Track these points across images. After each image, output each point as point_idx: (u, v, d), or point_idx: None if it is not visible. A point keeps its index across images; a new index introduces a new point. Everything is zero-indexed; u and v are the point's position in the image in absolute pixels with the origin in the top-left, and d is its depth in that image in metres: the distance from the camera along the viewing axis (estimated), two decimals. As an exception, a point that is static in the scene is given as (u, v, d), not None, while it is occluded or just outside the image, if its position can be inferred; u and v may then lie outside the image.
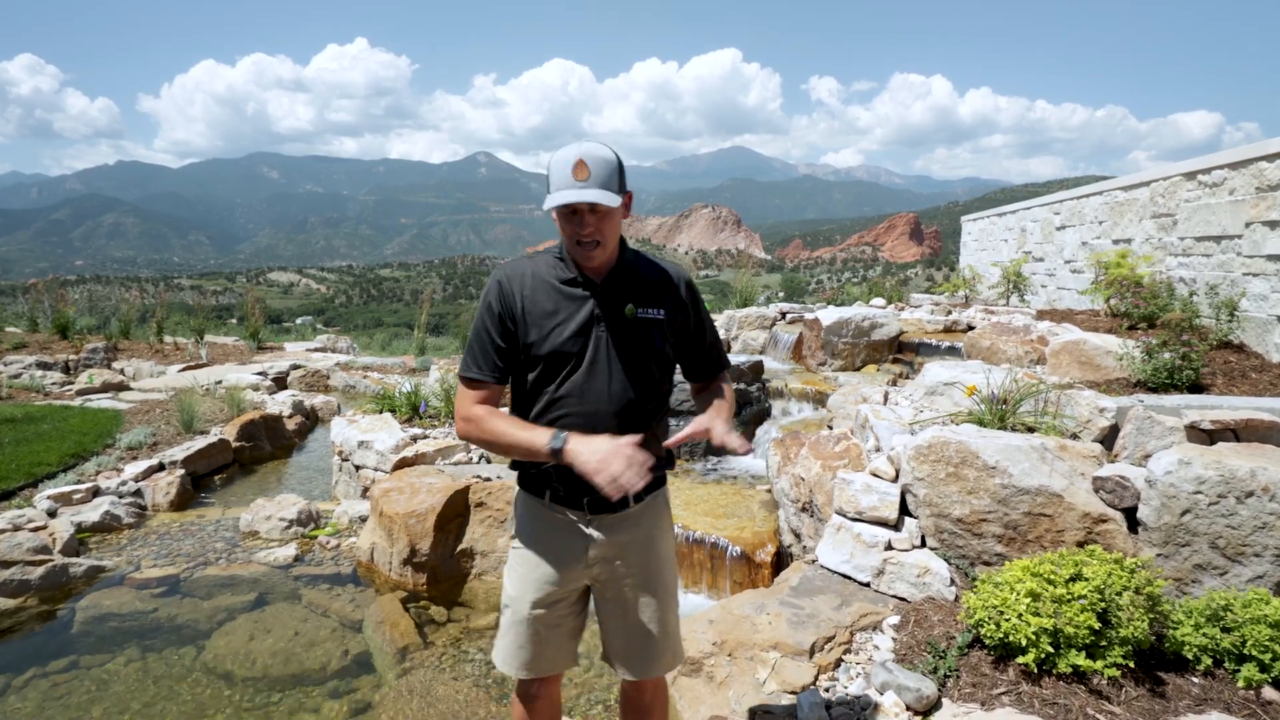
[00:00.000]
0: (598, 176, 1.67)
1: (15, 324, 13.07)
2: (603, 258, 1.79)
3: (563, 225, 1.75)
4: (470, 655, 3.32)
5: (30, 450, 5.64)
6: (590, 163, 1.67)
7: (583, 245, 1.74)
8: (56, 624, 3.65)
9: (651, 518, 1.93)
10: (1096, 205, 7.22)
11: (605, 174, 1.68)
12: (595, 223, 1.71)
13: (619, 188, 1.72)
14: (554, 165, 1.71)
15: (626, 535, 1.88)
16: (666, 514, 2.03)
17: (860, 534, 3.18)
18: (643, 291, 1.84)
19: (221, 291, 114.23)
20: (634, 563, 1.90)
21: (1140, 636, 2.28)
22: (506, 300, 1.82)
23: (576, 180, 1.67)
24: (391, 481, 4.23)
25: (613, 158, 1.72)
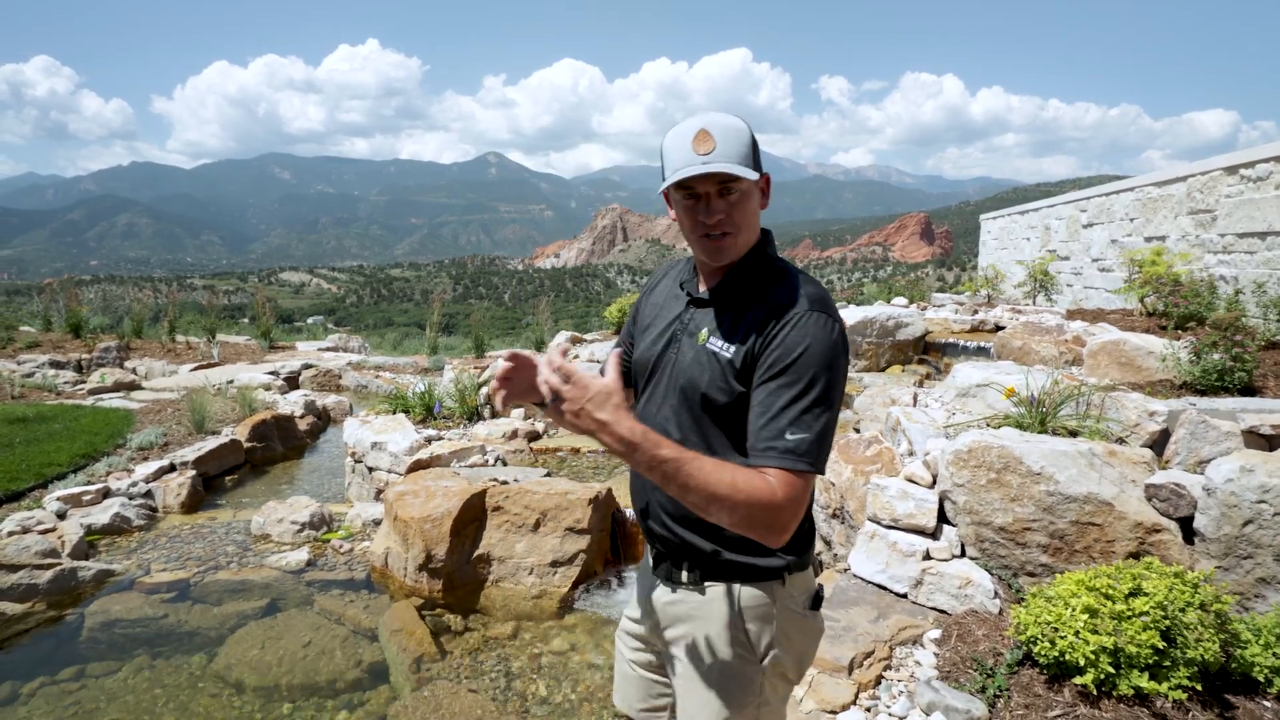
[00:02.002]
0: (727, 148, 1.30)
1: (30, 323, 13.09)
2: (735, 252, 1.38)
3: (684, 217, 1.38)
4: (488, 666, 3.20)
5: (41, 450, 5.57)
6: (716, 132, 1.31)
7: (711, 238, 1.36)
8: (64, 630, 3.56)
9: (713, 624, 1.41)
10: (1127, 202, 7.04)
11: (736, 145, 1.30)
12: (725, 208, 1.33)
13: (754, 164, 1.33)
14: (669, 145, 1.35)
15: (678, 625, 1.46)
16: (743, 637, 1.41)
17: (896, 542, 3.04)
18: (738, 313, 1.38)
19: (234, 291, 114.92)
20: (679, 671, 1.47)
21: (1210, 658, 2.13)
22: (647, 285, 1.66)
23: (699, 154, 1.30)
24: (406, 485, 4.12)
25: (744, 127, 1.34)
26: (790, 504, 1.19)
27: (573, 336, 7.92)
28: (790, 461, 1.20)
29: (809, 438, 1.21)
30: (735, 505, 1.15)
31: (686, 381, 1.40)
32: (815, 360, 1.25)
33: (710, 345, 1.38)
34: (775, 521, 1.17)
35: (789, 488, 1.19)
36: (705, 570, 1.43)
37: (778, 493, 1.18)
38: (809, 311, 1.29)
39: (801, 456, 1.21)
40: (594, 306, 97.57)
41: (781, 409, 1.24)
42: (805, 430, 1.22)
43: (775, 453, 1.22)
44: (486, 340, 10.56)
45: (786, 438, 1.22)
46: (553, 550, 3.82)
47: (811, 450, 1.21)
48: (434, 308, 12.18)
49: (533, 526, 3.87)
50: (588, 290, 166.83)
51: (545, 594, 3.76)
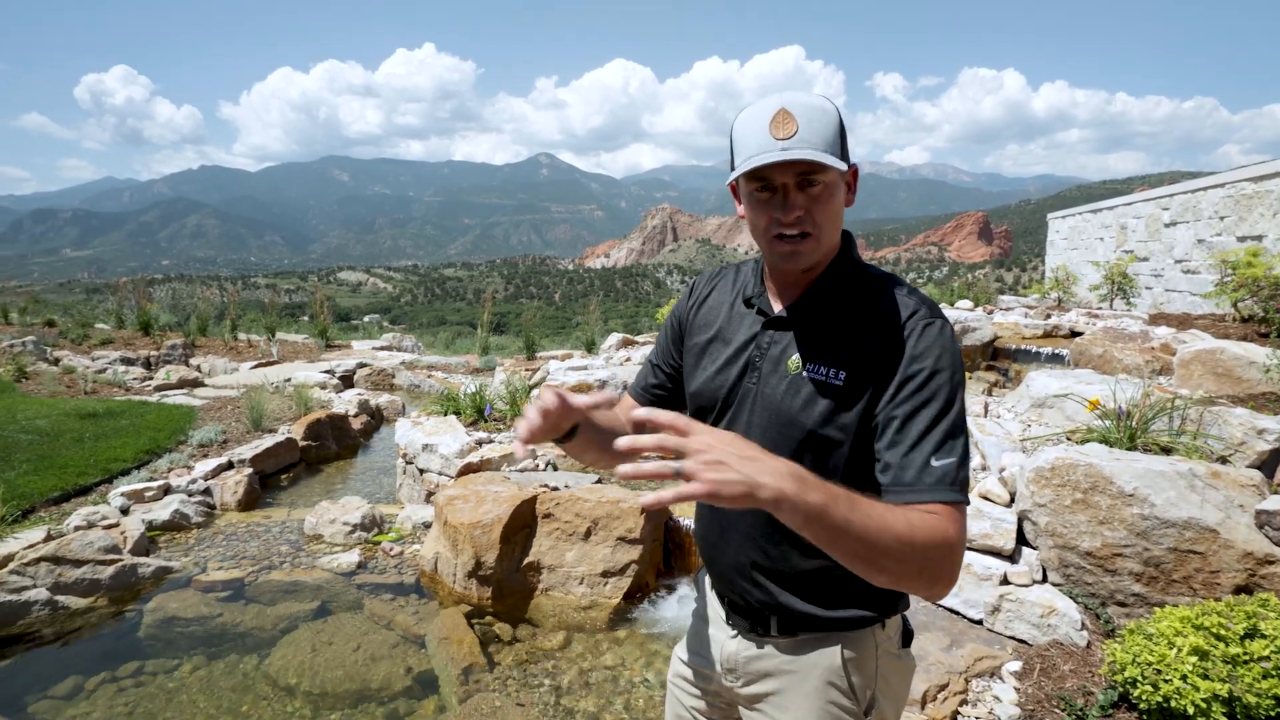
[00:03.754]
0: (811, 132, 1.08)
1: (104, 321, 13.66)
2: (814, 258, 1.16)
3: (755, 214, 1.16)
4: (537, 679, 3.11)
5: (108, 445, 5.73)
6: (798, 112, 1.09)
7: (786, 239, 1.14)
8: (124, 626, 3.61)
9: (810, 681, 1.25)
10: (1216, 199, 6.59)
11: (823, 129, 1.09)
12: (806, 203, 1.12)
13: (841, 152, 1.11)
14: (741, 127, 1.13)
15: (765, 681, 1.30)
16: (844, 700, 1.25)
17: (970, 564, 2.84)
18: (834, 331, 1.17)
19: (294, 290, 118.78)
20: None
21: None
22: (690, 298, 1.41)
23: (777, 138, 1.08)
24: (456, 489, 4.07)
25: (831, 108, 1.12)
26: (962, 543, 1.03)
27: (624, 339, 7.82)
28: (947, 493, 1.02)
29: (954, 462, 1.04)
30: (911, 552, 0.94)
31: (786, 419, 1.17)
32: (946, 372, 1.07)
33: (811, 373, 1.16)
34: (952, 566, 1.00)
35: (956, 524, 1.01)
36: (799, 624, 1.25)
37: (950, 531, 1.00)
38: (927, 319, 1.10)
39: (955, 486, 1.03)
40: (643, 307, 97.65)
41: (922, 434, 1.05)
42: (951, 454, 1.04)
43: (928, 485, 1.03)
44: (537, 340, 10.56)
45: (932, 465, 1.03)
46: (604, 560, 3.72)
47: (963, 477, 1.05)
48: (485, 307, 12.26)
49: (583, 535, 3.77)
50: (637, 290, 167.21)
51: (596, 605, 3.66)
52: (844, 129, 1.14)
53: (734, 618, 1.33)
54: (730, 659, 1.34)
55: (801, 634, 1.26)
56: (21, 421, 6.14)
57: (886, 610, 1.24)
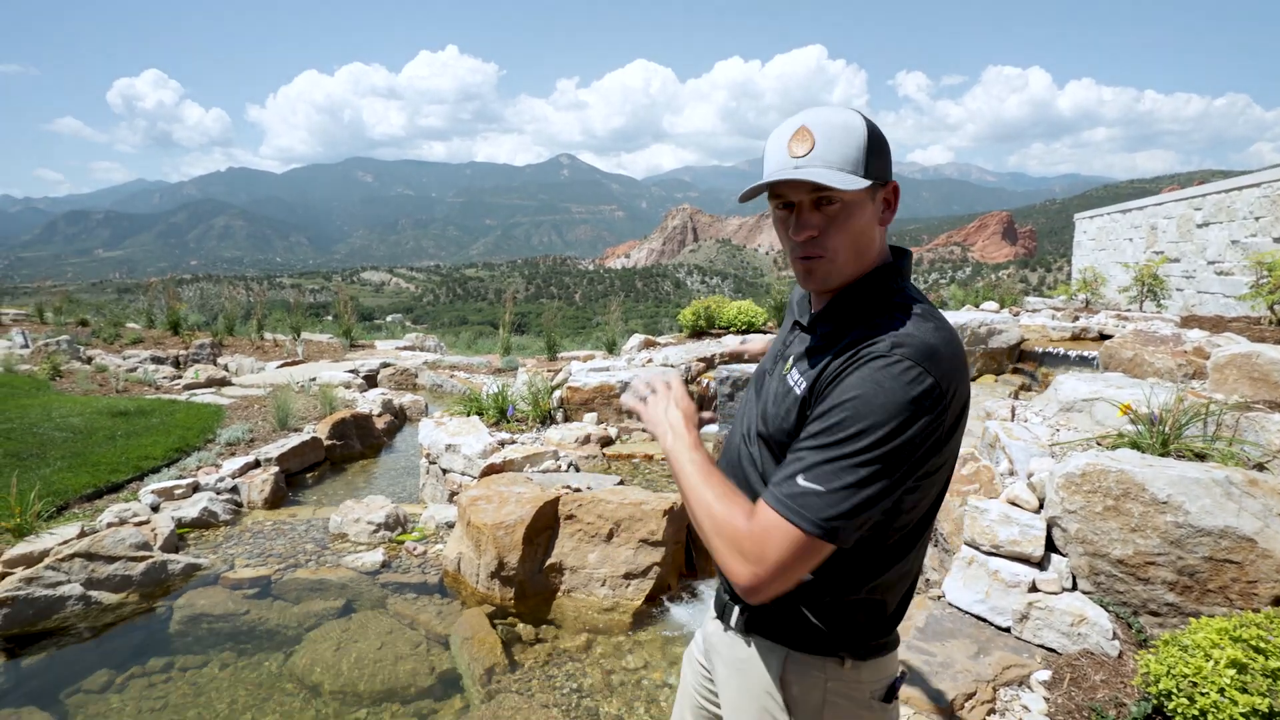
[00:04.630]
0: (827, 149, 1.08)
1: (135, 320, 13.91)
2: (831, 279, 1.17)
3: (777, 229, 1.21)
4: (559, 681, 3.12)
5: (139, 444, 5.83)
6: (817, 129, 1.09)
7: (800, 258, 1.17)
8: (155, 622, 3.67)
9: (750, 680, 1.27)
10: (1252, 199, 6.45)
11: (841, 147, 1.08)
12: (821, 223, 1.12)
13: (866, 169, 1.09)
14: (769, 144, 1.16)
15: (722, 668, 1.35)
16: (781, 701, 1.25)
17: (998, 570, 2.80)
18: (828, 345, 1.17)
19: (319, 290, 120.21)
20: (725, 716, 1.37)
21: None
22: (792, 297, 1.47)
23: (792, 156, 1.10)
24: (479, 490, 4.09)
25: (857, 124, 1.10)
26: (756, 547, 1.03)
27: (645, 340, 7.82)
28: (784, 506, 1.03)
29: (819, 489, 1.01)
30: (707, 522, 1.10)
31: (763, 411, 1.24)
32: (869, 410, 1.02)
33: (790, 376, 1.21)
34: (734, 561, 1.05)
35: (762, 530, 1.04)
36: (753, 618, 1.26)
37: (741, 525, 1.06)
38: (886, 355, 1.05)
39: (801, 507, 1.02)
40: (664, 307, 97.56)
41: (808, 450, 1.06)
42: (821, 482, 1.02)
43: (774, 491, 1.06)
44: (558, 341, 10.59)
45: (798, 481, 1.04)
46: (626, 562, 3.72)
47: (820, 506, 1.01)
48: (507, 307, 12.31)
49: (606, 537, 3.78)
50: (658, 290, 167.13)
51: (618, 606, 3.66)
52: (875, 145, 1.11)
53: (719, 598, 1.39)
54: (707, 638, 1.43)
55: (754, 634, 1.27)
56: (57, 419, 6.27)
57: (848, 645, 1.20)
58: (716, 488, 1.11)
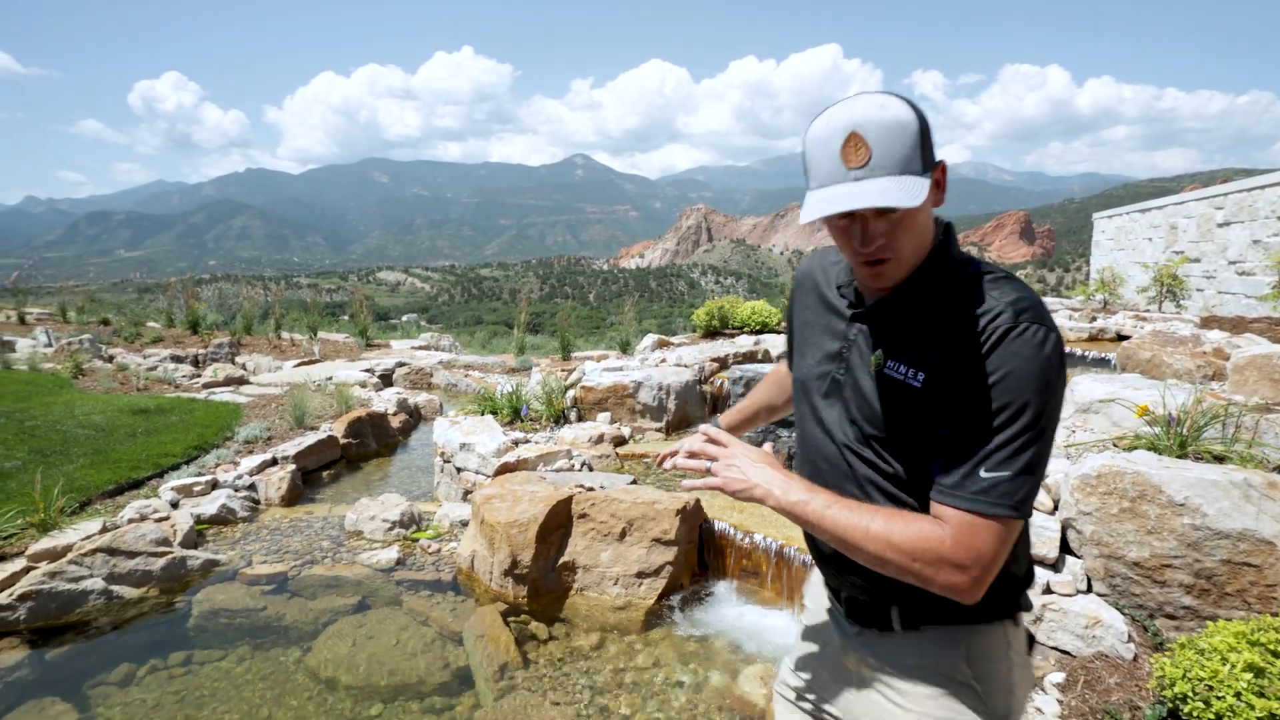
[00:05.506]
0: (884, 155, 1.04)
1: (155, 319, 14.10)
2: (899, 274, 1.15)
3: (836, 238, 1.17)
4: (572, 679, 3.13)
5: (159, 441, 5.92)
6: (869, 134, 1.03)
7: (867, 264, 1.14)
8: (174, 616, 3.73)
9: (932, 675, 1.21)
10: (1274, 198, 6.36)
11: (898, 148, 1.04)
12: (886, 228, 1.09)
13: (923, 163, 1.06)
14: (812, 148, 1.09)
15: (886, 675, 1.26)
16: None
17: (1011, 573, 2.79)
18: (917, 331, 1.14)
19: (335, 290, 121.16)
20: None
21: None
22: (797, 282, 1.43)
23: (849, 168, 1.05)
24: (493, 488, 4.12)
25: (908, 118, 1.05)
26: (967, 552, 1.02)
27: (659, 340, 7.83)
28: (980, 504, 1.02)
29: (1006, 476, 1.02)
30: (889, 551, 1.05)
31: (866, 415, 1.19)
32: (1025, 383, 1.01)
33: (891, 371, 1.16)
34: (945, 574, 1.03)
35: (968, 533, 1.02)
36: (920, 610, 1.21)
37: (946, 539, 1.03)
38: (1010, 325, 1.04)
39: (997, 499, 1.02)
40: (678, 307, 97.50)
41: (976, 441, 1.04)
42: (1004, 468, 1.02)
43: (961, 494, 1.04)
44: (572, 341, 10.62)
45: (980, 475, 1.03)
46: (639, 561, 3.73)
47: (1011, 491, 1.02)
48: (521, 307, 12.37)
49: (618, 535, 3.79)
50: (672, 290, 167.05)
51: (630, 605, 3.67)
52: (925, 133, 1.07)
53: (854, 614, 1.31)
54: (848, 651, 1.32)
55: (927, 625, 1.22)
56: (79, 417, 6.37)
57: (1012, 607, 1.21)
58: (876, 514, 1.08)
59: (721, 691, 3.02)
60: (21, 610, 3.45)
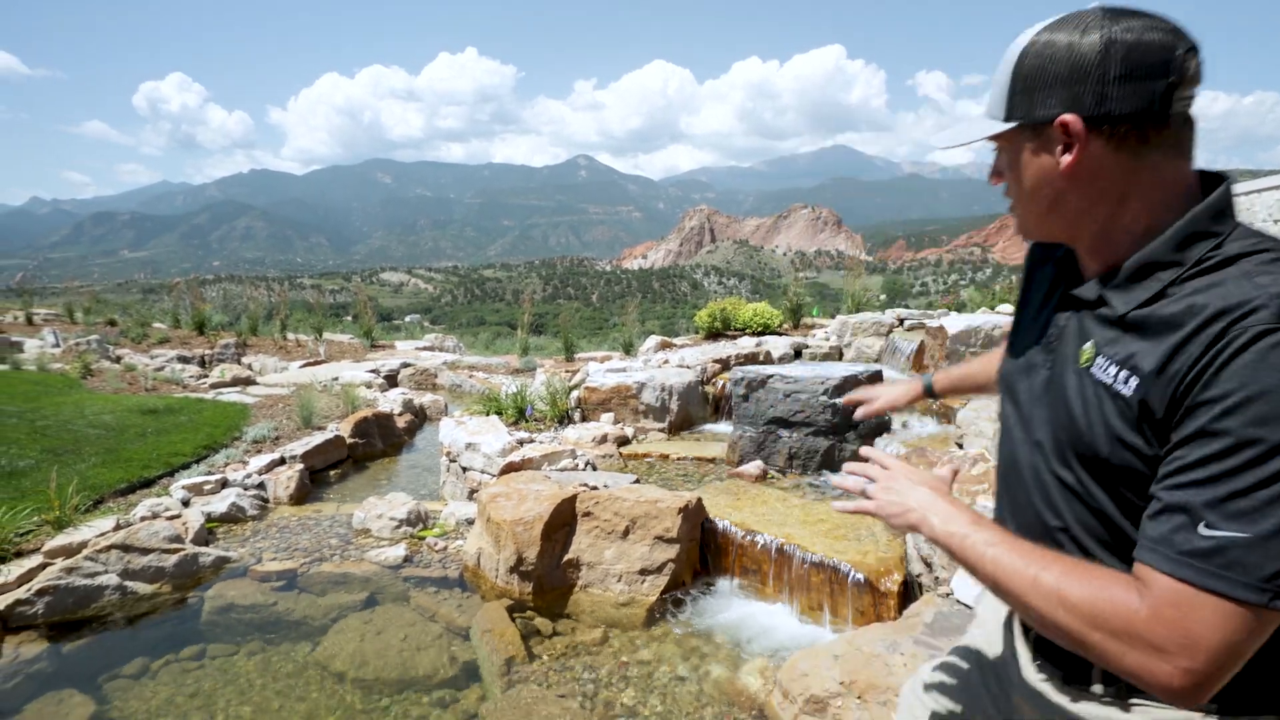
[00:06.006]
0: (993, 95, 0.97)
1: (161, 320, 14.21)
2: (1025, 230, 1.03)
3: None
4: (576, 673, 3.21)
5: (169, 441, 6.01)
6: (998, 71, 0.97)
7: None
8: (187, 612, 3.81)
9: None
10: (1271, 202, 6.41)
11: (996, 86, 0.96)
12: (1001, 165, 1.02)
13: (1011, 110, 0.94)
14: None
15: None
16: None
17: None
18: (1145, 324, 0.87)
19: (338, 290, 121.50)
20: None
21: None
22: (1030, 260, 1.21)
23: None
24: (499, 487, 4.20)
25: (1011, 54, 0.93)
26: (1170, 631, 0.76)
27: (662, 341, 7.90)
28: (1192, 570, 0.76)
29: (1241, 536, 0.73)
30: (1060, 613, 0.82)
31: (1062, 423, 0.95)
32: (1268, 421, 0.73)
33: (1098, 373, 0.91)
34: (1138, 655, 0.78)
35: (1173, 608, 0.76)
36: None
37: (1141, 610, 0.78)
38: (1265, 328, 0.75)
39: (1220, 567, 0.74)
40: (681, 308, 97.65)
41: (1201, 482, 0.77)
42: (1237, 525, 0.74)
43: (1167, 552, 0.78)
44: (575, 342, 10.70)
45: (1200, 530, 0.76)
46: (641, 558, 3.81)
47: (1246, 560, 0.73)
48: (525, 308, 12.46)
49: (622, 533, 3.87)
50: (674, 291, 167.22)
51: (633, 602, 3.75)
52: (1026, 79, 0.91)
53: (1042, 659, 1.07)
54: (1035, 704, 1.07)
55: (1138, 703, 0.94)
56: (90, 416, 6.46)
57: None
58: (1052, 564, 0.85)
59: (722, 684, 3.09)
60: (39, 605, 3.54)
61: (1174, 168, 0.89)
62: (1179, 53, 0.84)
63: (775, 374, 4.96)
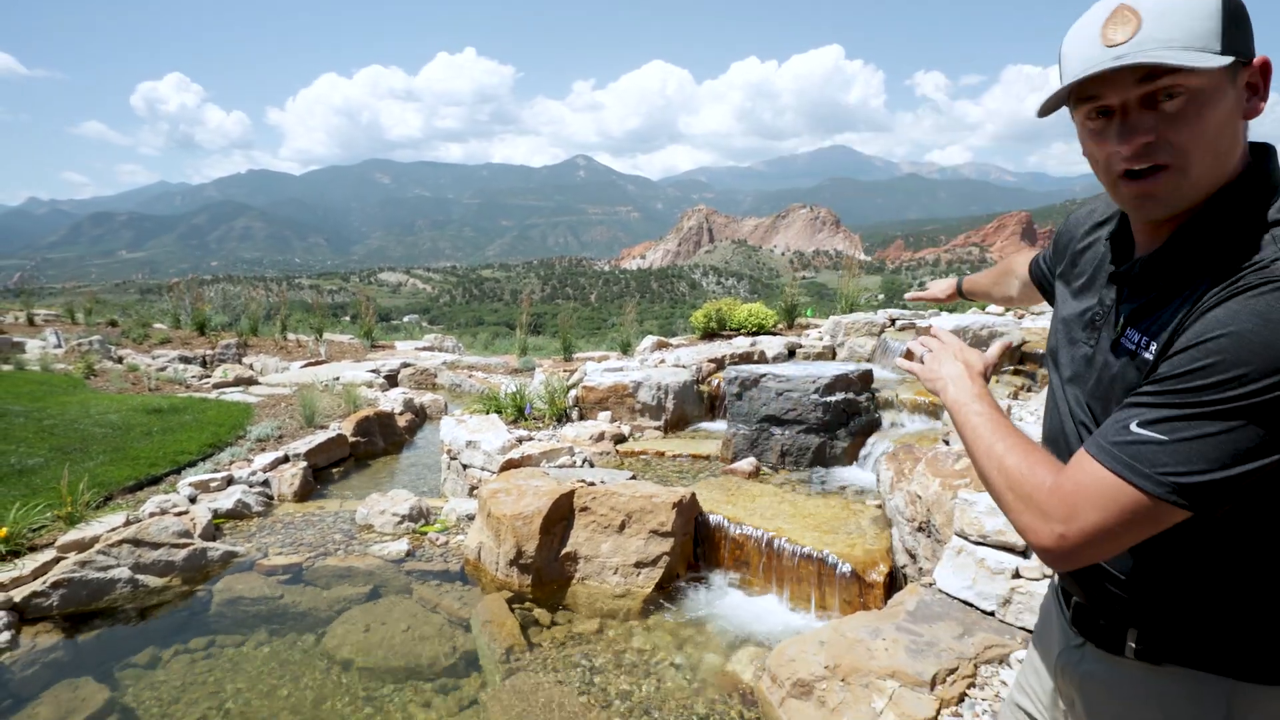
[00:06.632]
0: (1159, 27, 0.82)
1: (161, 320, 14.32)
2: (1178, 200, 0.89)
3: (1091, 146, 0.93)
4: (574, 660, 3.33)
5: (175, 439, 6.13)
6: (1145, 6, 0.83)
7: (1131, 178, 0.90)
8: (196, 604, 3.93)
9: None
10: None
11: (1183, 18, 0.82)
12: (1159, 124, 0.85)
13: (1223, 42, 0.82)
14: (1070, 38, 0.91)
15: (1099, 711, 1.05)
16: None
17: (984, 559, 2.98)
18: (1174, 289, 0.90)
19: (337, 291, 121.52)
20: None
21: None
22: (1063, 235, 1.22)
23: (1109, 45, 0.84)
24: (499, 483, 4.32)
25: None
26: (1060, 500, 0.85)
27: (658, 341, 8.03)
28: (1108, 454, 0.83)
29: (1161, 439, 0.80)
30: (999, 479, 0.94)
31: (1098, 394, 0.99)
32: (1247, 351, 0.76)
33: (1127, 341, 0.94)
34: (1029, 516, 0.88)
35: (1075, 481, 0.85)
36: (1166, 642, 0.95)
37: (1043, 479, 0.88)
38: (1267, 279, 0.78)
39: (1133, 458, 0.81)
40: (679, 308, 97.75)
41: (1150, 395, 0.84)
42: (1164, 431, 0.80)
43: (1099, 439, 0.86)
44: (574, 342, 10.82)
45: (1131, 428, 0.83)
46: (637, 551, 3.93)
47: (1159, 460, 0.80)
48: (523, 308, 12.57)
49: (618, 527, 3.99)
50: (673, 291, 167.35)
51: (629, 593, 3.87)
52: (1233, 11, 0.83)
53: (1079, 623, 1.09)
54: (1064, 672, 1.12)
55: (1169, 664, 0.96)
56: (95, 416, 6.58)
57: None
58: (1009, 439, 0.96)
59: (714, 671, 3.22)
60: (54, 597, 3.66)
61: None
62: None
63: (768, 373, 5.08)
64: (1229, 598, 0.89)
